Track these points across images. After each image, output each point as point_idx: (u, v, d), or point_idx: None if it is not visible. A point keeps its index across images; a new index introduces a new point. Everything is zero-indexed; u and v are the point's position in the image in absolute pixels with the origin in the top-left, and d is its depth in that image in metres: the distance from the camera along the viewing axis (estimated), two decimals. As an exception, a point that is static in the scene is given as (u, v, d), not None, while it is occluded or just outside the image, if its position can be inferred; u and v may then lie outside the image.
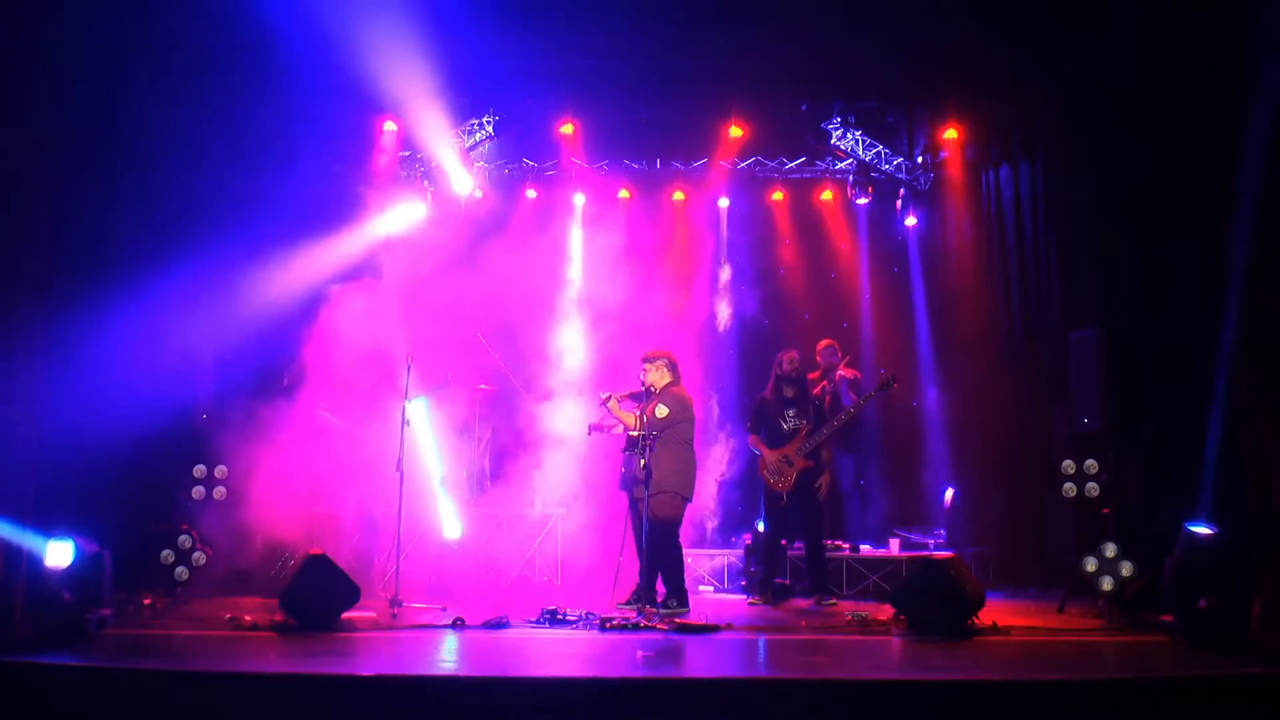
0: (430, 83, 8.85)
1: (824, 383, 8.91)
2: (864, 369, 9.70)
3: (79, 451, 6.68)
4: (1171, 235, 7.50)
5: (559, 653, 5.87)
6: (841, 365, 9.15)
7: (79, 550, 6.30)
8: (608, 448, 7.69)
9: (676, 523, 7.30)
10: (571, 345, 10.35)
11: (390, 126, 9.34)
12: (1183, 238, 7.42)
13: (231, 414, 7.71)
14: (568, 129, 9.48)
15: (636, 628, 6.42)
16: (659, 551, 7.09)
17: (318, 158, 9.07)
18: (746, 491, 9.51)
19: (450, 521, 8.63)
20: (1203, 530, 6.36)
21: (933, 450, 9.44)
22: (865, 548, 8.78)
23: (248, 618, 6.44)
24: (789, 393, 8.04)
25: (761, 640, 6.38)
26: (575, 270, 10.52)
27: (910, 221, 10.02)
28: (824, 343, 9.20)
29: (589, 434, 7.77)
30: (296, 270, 8.38)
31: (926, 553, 8.23)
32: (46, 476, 6.49)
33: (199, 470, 7.52)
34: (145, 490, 7.44)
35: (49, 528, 6.22)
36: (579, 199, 10.57)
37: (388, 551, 7.84)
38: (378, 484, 7.85)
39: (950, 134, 9.41)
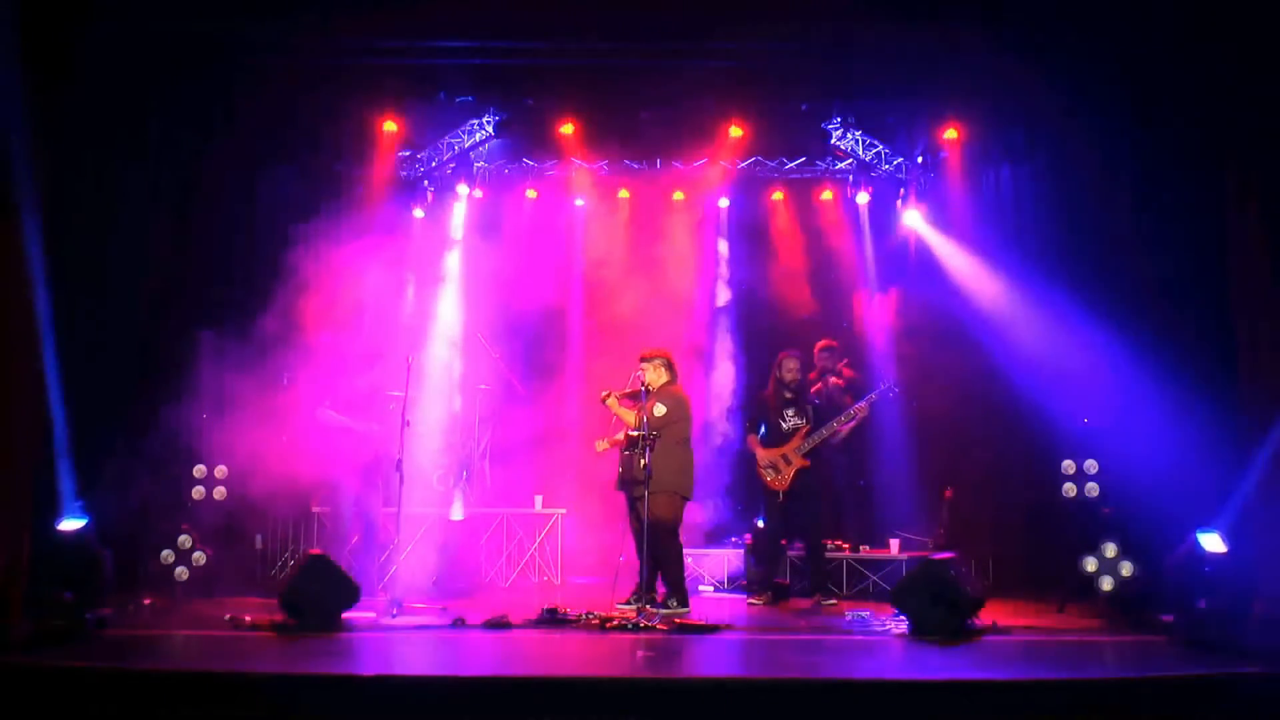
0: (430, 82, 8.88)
1: (819, 384, 8.89)
2: (864, 369, 9.68)
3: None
4: (1172, 233, 7.51)
5: (559, 653, 5.88)
6: (841, 365, 9.12)
7: (88, 529, 6.38)
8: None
9: (676, 522, 7.30)
10: (571, 345, 10.37)
11: (390, 126, 9.33)
12: (1183, 236, 7.43)
13: (231, 413, 7.72)
14: (568, 129, 9.46)
15: (636, 628, 6.42)
16: (658, 551, 7.09)
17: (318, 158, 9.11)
18: (746, 491, 9.50)
19: (456, 504, 8.68)
20: (1214, 545, 6.30)
21: (932, 450, 9.43)
22: (865, 548, 8.78)
23: (248, 618, 6.44)
24: (788, 393, 8.05)
25: (761, 640, 6.38)
26: (575, 270, 10.52)
27: (910, 221, 10.01)
28: (822, 344, 9.14)
29: (602, 449, 7.65)
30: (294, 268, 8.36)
31: (926, 553, 8.22)
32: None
33: (199, 470, 7.53)
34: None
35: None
36: (579, 199, 10.57)
37: (388, 551, 7.84)
38: (378, 483, 7.86)
39: (950, 134, 9.40)
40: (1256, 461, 6.43)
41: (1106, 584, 7.08)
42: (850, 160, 10.01)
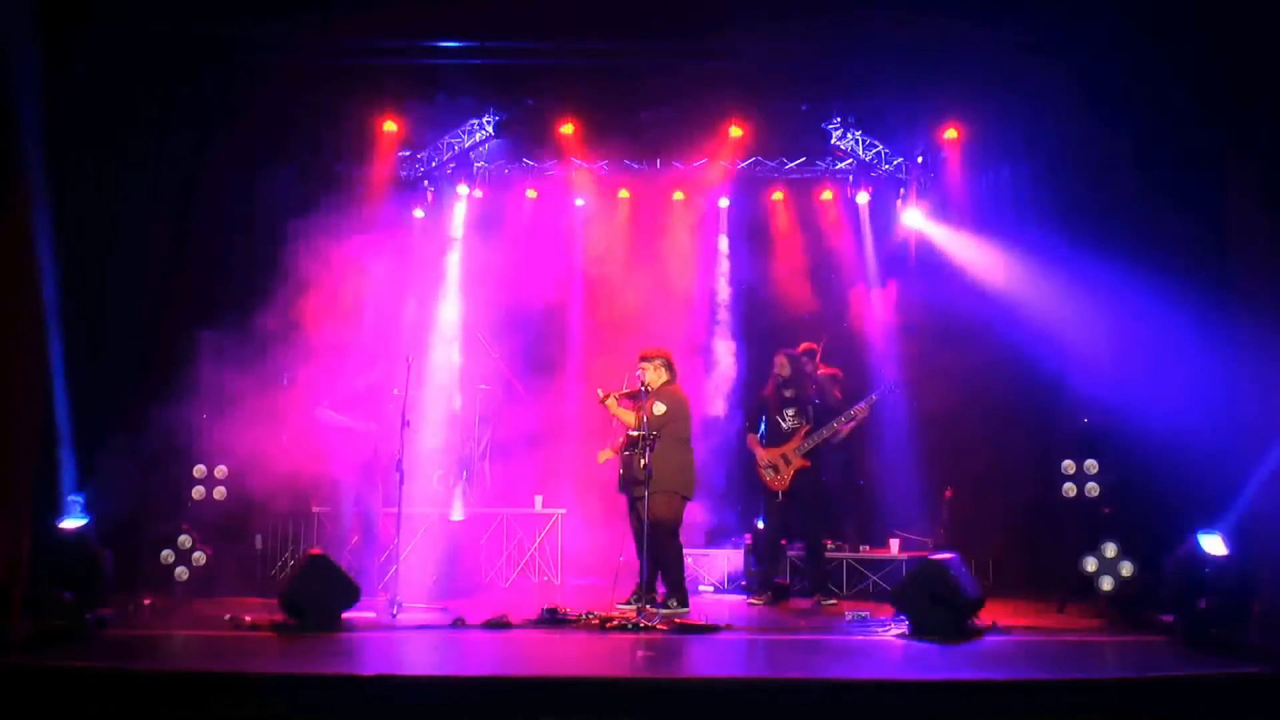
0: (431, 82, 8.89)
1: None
2: (864, 369, 9.68)
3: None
4: (1171, 232, 7.51)
5: (559, 653, 5.88)
6: (818, 362, 9.06)
7: (88, 529, 6.45)
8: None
9: (676, 522, 7.30)
10: (571, 345, 10.37)
11: (390, 126, 9.33)
12: (1183, 234, 7.44)
13: (231, 412, 7.72)
14: (568, 129, 9.46)
15: (636, 628, 6.42)
16: (659, 551, 7.09)
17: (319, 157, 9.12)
18: (746, 491, 9.50)
19: (456, 504, 8.70)
20: (1215, 547, 6.29)
21: (932, 449, 9.43)
22: (865, 548, 8.78)
23: (248, 618, 6.44)
24: (788, 393, 8.05)
25: (761, 640, 6.39)
26: (575, 270, 10.52)
27: (910, 221, 10.01)
28: (800, 348, 8.97)
29: (605, 459, 7.63)
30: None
31: (926, 553, 8.22)
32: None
33: (199, 470, 7.53)
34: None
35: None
36: (579, 199, 10.57)
37: (388, 551, 7.84)
38: (378, 482, 7.85)
39: (950, 134, 9.40)
40: (1264, 463, 6.43)
41: (1106, 584, 7.08)
42: (850, 160, 10.01)
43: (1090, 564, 7.13)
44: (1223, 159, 7.09)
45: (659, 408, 7.21)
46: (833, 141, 9.71)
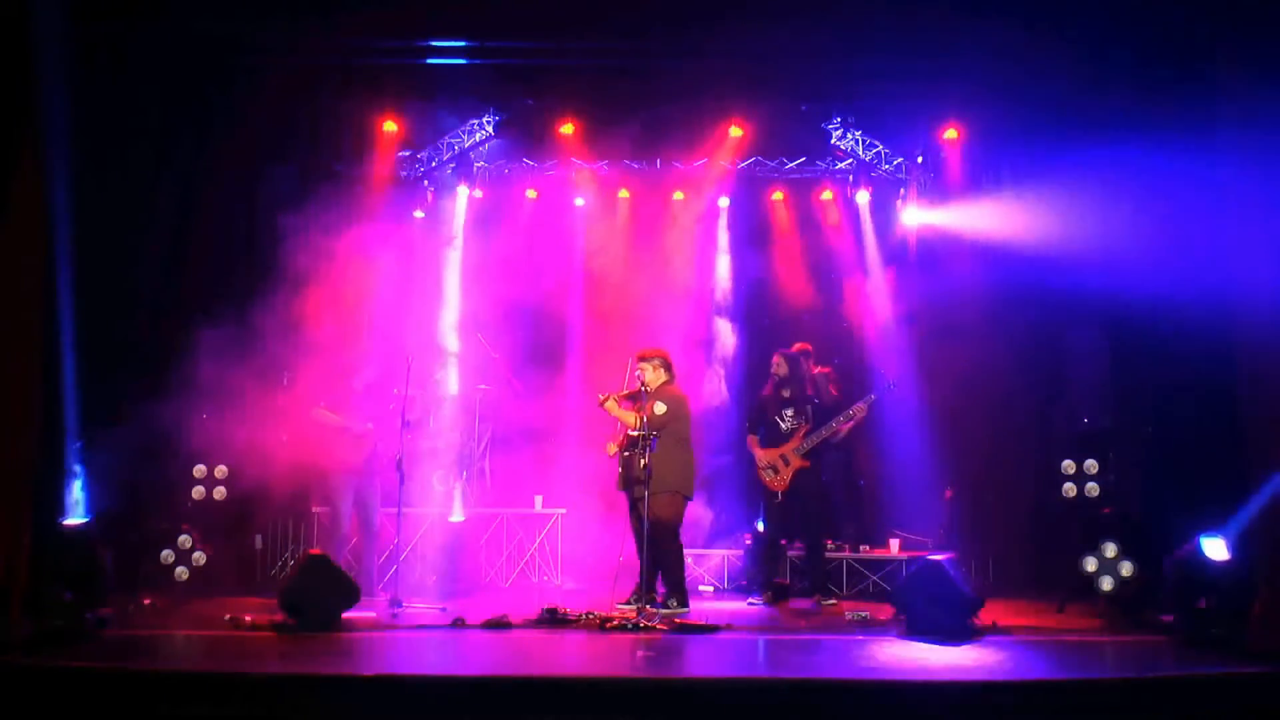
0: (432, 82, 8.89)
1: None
2: (864, 369, 9.68)
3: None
4: (1172, 232, 7.51)
5: (559, 653, 5.89)
6: (810, 364, 9.03)
7: (89, 528, 6.52)
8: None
9: (676, 522, 7.30)
10: (571, 345, 10.37)
11: (390, 126, 9.33)
12: (1182, 234, 7.43)
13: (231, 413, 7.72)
14: (568, 129, 9.47)
15: (636, 628, 6.42)
16: (659, 551, 7.09)
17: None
18: (746, 491, 9.50)
19: (456, 504, 8.70)
20: (1217, 550, 6.28)
21: (932, 450, 9.42)
22: (865, 548, 8.78)
23: (248, 618, 6.44)
24: (786, 392, 8.05)
25: (761, 640, 6.39)
26: (575, 270, 10.52)
27: (910, 221, 10.01)
28: (795, 347, 8.96)
29: (613, 452, 7.62)
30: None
31: (926, 553, 8.22)
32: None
33: (199, 470, 7.53)
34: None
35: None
36: (579, 199, 10.57)
37: (388, 551, 7.85)
38: (377, 483, 7.85)
39: (950, 134, 9.41)
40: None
41: (1106, 584, 7.08)
42: (850, 160, 10.02)
43: (1090, 564, 7.13)
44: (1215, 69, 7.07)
45: (659, 408, 7.21)
46: (833, 141, 9.71)
